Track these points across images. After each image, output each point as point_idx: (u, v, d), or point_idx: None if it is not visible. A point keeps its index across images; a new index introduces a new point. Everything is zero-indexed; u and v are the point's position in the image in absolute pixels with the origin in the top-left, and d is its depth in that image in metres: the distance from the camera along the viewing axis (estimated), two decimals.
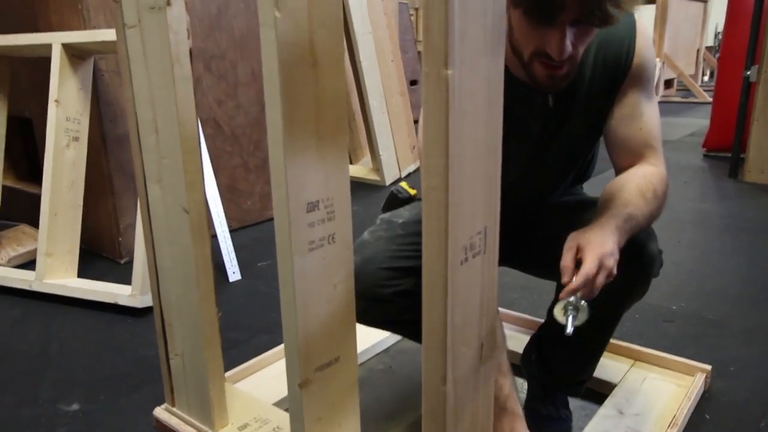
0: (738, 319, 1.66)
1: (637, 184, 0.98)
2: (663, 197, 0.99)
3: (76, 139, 1.99)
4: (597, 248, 0.88)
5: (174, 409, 1.20)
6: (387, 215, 1.28)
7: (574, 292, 0.89)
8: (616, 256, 0.88)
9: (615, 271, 0.89)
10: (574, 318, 0.91)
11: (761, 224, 2.50)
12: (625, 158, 1.03)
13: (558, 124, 1.06)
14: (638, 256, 0.99)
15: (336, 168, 0.91)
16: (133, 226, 2.19)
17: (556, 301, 1.16)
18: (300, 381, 0.91)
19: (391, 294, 1.10)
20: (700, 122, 5.26)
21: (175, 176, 1.03)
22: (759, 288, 1.87)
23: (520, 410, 0.99)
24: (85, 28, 2.02)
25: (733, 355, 1.47)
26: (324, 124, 0.88)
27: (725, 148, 3.63)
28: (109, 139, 2.13)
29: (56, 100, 1.93)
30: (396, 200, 1.35)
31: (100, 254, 2.31)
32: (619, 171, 1.06)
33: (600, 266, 0.87)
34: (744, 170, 3.26)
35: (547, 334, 1.21)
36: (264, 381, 1.36)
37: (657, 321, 1.66)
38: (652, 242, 1.00)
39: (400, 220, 1.23)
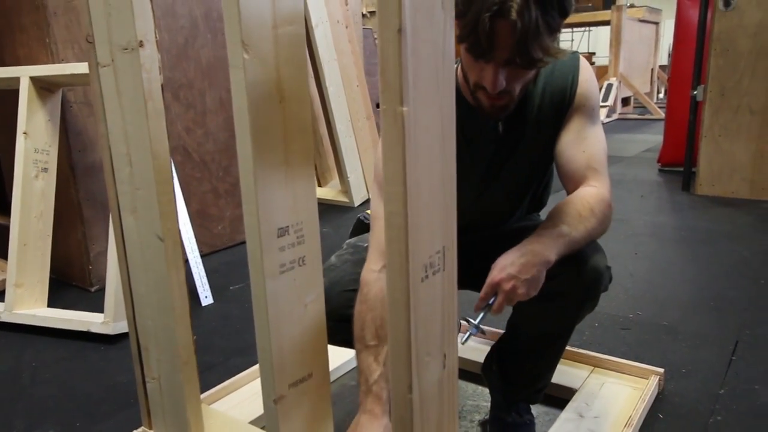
0: (690, 325, 1.76)
1: (573, 203, 1.05)
2: (601, 215, 1.04)
3: (44, 170, 2.01)
4: (495, 272, 0.98)
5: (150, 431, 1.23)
6: (353, 240, 1.34)
7: (478, 309, 1.00)
8: (523, 277, 0.96)
9: (522, 290, 0.96)
10: (471, 334, 1.03)
11: (713, 235, 2.64)
12: (570, 181, 1.11)
13: (509, 150, 1.14)
14: (584, 272, 1.06)
15: (304, 194, 0.97)
16: (103, 254, 2.21)
17: (512, 314, 1.24)
18: (275, 397, 0.96)
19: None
20: (655, 138, 5.47)
21: (149, 206, 1.07)
22: (710, 295, 1.98)
23: (385, 395, 1.02)
24: (53, 62, 2.05)
25: (685, 358, 1.56)
26: (292, 153, 0.94)
27: (678, 163, 3.81)
28: (78, 169, 2.15)
29: (25, 132, 1.95)
30: (363, 226, 1.42)
31: (70, 283, 2.31)
32: (568, 194, 1.14)
33: (495, 289, 0.98)
34: (696, 184, 3.42)
35: (505, 346, 1.27)
36: (239, 401, 1.40)
37: (615, 329, 1.75)
38: (599, 259, 1.08)
39: (366, 244, 1.30)
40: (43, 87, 2.00)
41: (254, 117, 0.87)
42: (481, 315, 1.01)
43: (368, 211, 1.47)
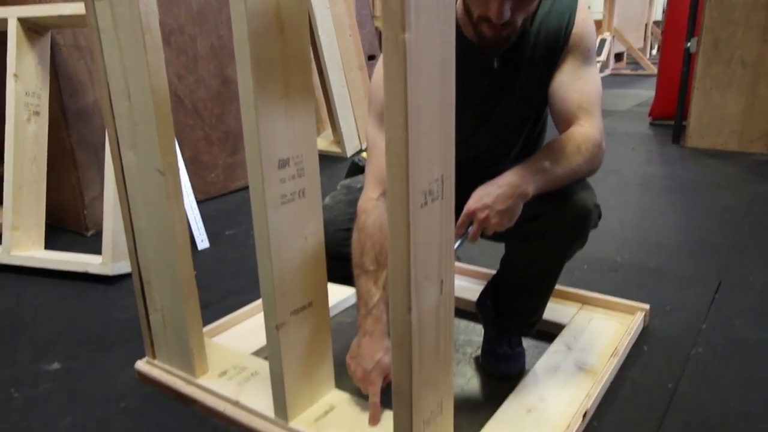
0: (675, 268, 1.81)
1: (559, 141, 1.06)
2: (588, 153, 1.05)
3: (36, 113, 2.00)
4: (471, 201, 1.02)
5: (155, 362, 1.27)
6: (347, 181, 1.37)
7: (455, 238, 1.02)
8: (497, 207, 0.99)
9: (496, 221, 1.00)
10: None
11: (700, 184, 2.68)
12: (562, 121, 1.12)
13: (503, 86, 1.15)
14: (572, 210, 1.09)
15: (304, 128, 0.99)
16: (98, 198, 2.21)
17: (505, 253, 1.27)
18: (277, 323, 1.00)
19: (350, 252, 1.19)
20: (647, 93, 5.47)
21: (149, 141, 1.09)
22: (696, 240, 2.04)
23: (384, 317, 1.06)
24: (41, 2, 2.01)
25: (670, 297, 1.62)
26: (292, 86, 0.95)
27: (669, 116, 3.82)
28: (70, 113, 2.14)
29: (15, 74, 1.93)
30: (357, 168, 1.44)
31: (66, 228, 2.32)
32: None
33: (470, 218, 1.02)
34: (686, 136, 3.45)
35: (500, 282, 1.32)
36: (239, 335, 1.44)
37: (603, 271, 1.81)
38: (587, 196, 1.11)
39: (359, 185, 1.32)
40: (32, 29, 1.97)
41: (254, 48, 0.87)
42: (458, 243, 1.03)
43: (363, 155, 1.49)
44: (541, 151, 1.07)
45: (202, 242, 2.09)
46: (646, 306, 1.47)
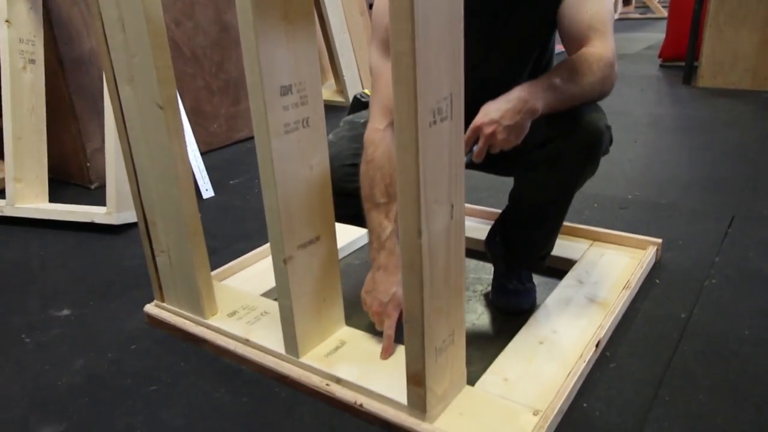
0: (686, 203, 1.78)
1: (570, 61, 1.02)
2: (600, 74, 1.02)
3: (32, 61, 1.95)
4: (479, 116, 0.98)
5: (164, 304, 1.26)
6: (350, 117, 1.33)
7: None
8: (505, 123, 0.96)
9: (503, 136, 0.97)
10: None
11: (711, 123, 2.62)
12: (572, 42, 1.08)
13: (510, 6, 1.10)
14: (583, 131, 1.05)
15: (305, 53, 0.95)
16: (100, 150, 2.19)
17: (514, 185, 1.24)
18: (284, 257, 0.98)
19: (355, 189, 1.17)
20: (657, 36, 5.32)
21: (146, 74, 1.05)
22: (708, 176, 2.00)
23: (398, 250, 1.04)
24: None
25: (682, 232, 1.59)
26: (292, 9, 0.90)
27: (680, 57, 3.72)
28: (67, 62, 2.09)
29: (7, 21, 1.88)
30: (359, 104, 1.40)
31: (69, 182, 2.30)
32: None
33: (476, 133, 0.98)
34: (697, 77, 3.36)
35: (509, 217, 1.29)
36: (248, 278, 1.43)
37: (614, 208, 1.78)
38: (598, 118, 1.07)
39: (362, 120, 1.28)
40: None
41: None
42: (464, 160, 1.00)
43: (365, 90, 1.45)
44: (552, 70, 1.03)
45: (207, 191, 2.07)
46: (658, 240, 1.45)
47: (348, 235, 1.59)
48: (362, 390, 0.98)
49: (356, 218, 1.28)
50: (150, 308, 1.28)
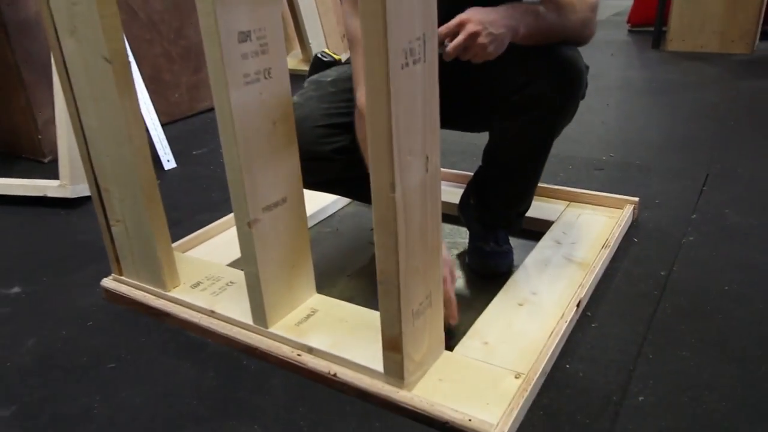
0: (661, 163, 1.76)
1: None
2: (581, 15, 1.01)
3: None
4: (466, 14, 0.92)
5: (122, 278, 1.19)
6: (314, 77, 1.26)
7: (440, 41, 0.92)
8: (490, 29, 0.91)
9: (484, 41, 0.91)
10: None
11: (682, 85, 2.61)
12: None
13: None
14: (564, 67, 1.02)
15: None
16: (52, 121, 2.06)
17: (489, 141, 1.19)
18: (249, 220, 0.91)
19: (330, 151, 1.10)
20: (624, 3, 5.30)
21: (90, 24, 0.95)
22: (680, 136, 1.98)
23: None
24: None
25: (658, 191, 1.57)
26: None
27: (648, 23, 3.70)
28: (11, 27, 1.95)
29: None
30: (321, 64, 1.33)
31: (21, 156, 2.18)
32: None
33: (459, 28, 0.91)
34: (666, 40, 3.34)
35: (484, 175, 1.24)
36: (213, 248, 1.36)
37: (588, 170, 1.74)
38: (578, 57, 1.05)
39: (329, 79, 1.22)
40: None
41: None
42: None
43: (325, 50, 1.37)
44: (536, 2, 0.99)
45: (169, 162, 1.97)
46: (635, 199, 1.42)
47: (316, 202, 1.53)
48: (336, 359, 0.93)
49: (332, 184, 1.21)
50: (107, 282, 1.20)
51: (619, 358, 0.96)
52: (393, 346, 0.84)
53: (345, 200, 1.62)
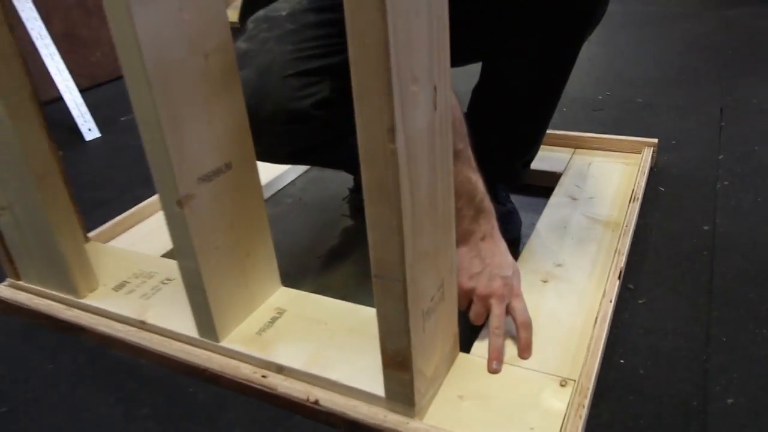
0: (666, 100, 1.54)
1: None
2: None
3: None
4: (464, 283, 0.73)
5: (20, 283, 0.90)
6: (260, 13, 0.94)
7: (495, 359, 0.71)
8: (501, 279, 0.73)
9: (503, 302, 0.72)
10: None
11: (665, 17, 2.39)
12: None
13: None
14: None
15: None
16: None
17: (481, 77, 0.95)
18: (178, 197, 0.64)
19: (309, 107, 0.81)
20: None
21: None
22: (678, 70, 1.77)
23: (492, 206, 0.78)
24: None
25: (671, 130, 1.35)
26: None
27: None
28: None
29: None
30: None
31: None
32: None
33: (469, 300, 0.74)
34: None
35: (478, 118, 0.98)
36: (144, 234, 1.07)
37: (586, 111, 1.52)
38: None
39: (283, 13, 0.91)
40: None
41: None
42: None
43: None
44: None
45: (90, 131, 1.65)
46: (654, 140, 1.20)
47: (271, 167, 1.25)
48: (316, 380, 0.68)
49: (312, 151, 0.94)
50: (2, 290, 0.91)
51: (684, 345, 0.74)
52: (398, 363, 0.59)
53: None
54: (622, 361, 0.72)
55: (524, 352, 0.70)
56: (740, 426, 0.62)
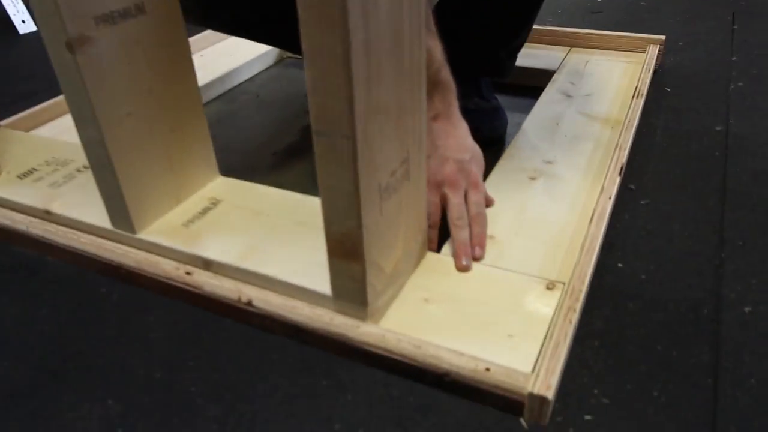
0: (674, 3, 1.39)
1: None
2: None
3: None
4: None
5: None
6: None
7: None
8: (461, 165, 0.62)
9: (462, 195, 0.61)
10: None
11: None
12: None
13: None
14: None
15: None
16: None
17: None
18: (67, 37, 0.49)
19: None
20: None
21: None
22: None
23: (453, 83, 0.65)
24: None
25: (679, 32, 1.21)
26: None
27: None
28: None
29: None
30: None
31: None
32: None
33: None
34: None
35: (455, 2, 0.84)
36: (70, 125, 0.92)
37: (583, 13, 1.36)
38: None
39: None
40: None
41: None
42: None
43: None
44: None
45: (24, 23, 1.46)
46: (661, 37, 1.06)
47: (229, 58, 1.10)
48: (250, 277, 0.55)
49: (244, 18, 0.79)
50: None
51: (694, 249, 0.62)
52: (347, 250, 0.47)
53: (268, 60, 1.20)
54: (620, 265, 0.61)
55: (478, 249, 0.58)
56: (760, 336, 0.52)
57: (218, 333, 0.55)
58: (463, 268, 0.56)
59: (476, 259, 0.58)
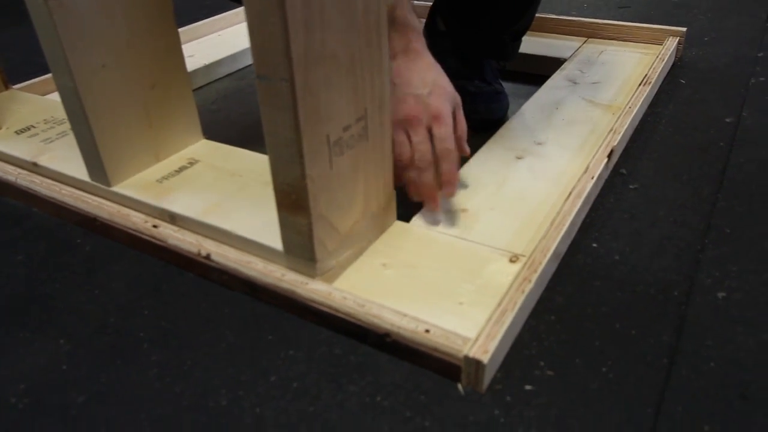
0: (704, 2, 1.34)
1: None
2: None
3: None
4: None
5: None
6: None
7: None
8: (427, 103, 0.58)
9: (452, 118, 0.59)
10: None
11: None
12: None
13: None
14: None
15: None
16: None
17: None
18: None
19: None
20: None
21: None
22: None
23: (415, 21, 0.63)
24: None
25: (707, 28, 1.17)
26: None
27: None
28: None
29: None
30: None
31: None
32: None
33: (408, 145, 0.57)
34: None
35: None
36: None
37: (609, 7, 1.33)
38: None
39: None
40: None
41: None
42: None
43: None
44: None
45: None
46: (682, 29, 1.02)
47: (226, 46, 1.11)
48: (210, 231, 0.56)
49: None
50: None
51: (676, 234, 0.60)
52: (292, 201, 0.46)
53: None
54: (595, 245, 0.59)
55: (446, 186, 0.57)
56: (729, 321, 0.49)
57: (178, 287, 0.56)
58: (432, 209, 0.56)
59: (448, 196, 0.57)
